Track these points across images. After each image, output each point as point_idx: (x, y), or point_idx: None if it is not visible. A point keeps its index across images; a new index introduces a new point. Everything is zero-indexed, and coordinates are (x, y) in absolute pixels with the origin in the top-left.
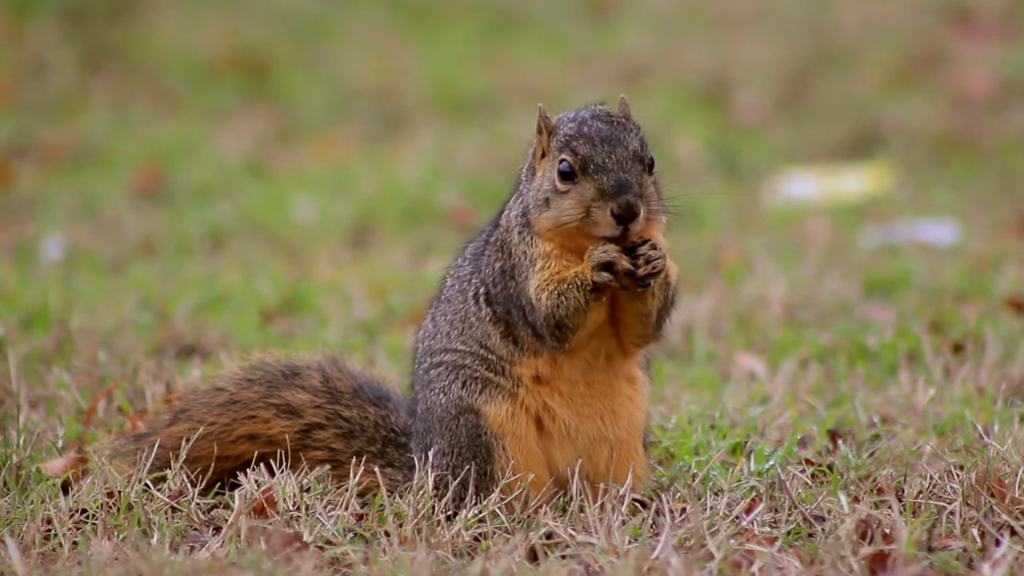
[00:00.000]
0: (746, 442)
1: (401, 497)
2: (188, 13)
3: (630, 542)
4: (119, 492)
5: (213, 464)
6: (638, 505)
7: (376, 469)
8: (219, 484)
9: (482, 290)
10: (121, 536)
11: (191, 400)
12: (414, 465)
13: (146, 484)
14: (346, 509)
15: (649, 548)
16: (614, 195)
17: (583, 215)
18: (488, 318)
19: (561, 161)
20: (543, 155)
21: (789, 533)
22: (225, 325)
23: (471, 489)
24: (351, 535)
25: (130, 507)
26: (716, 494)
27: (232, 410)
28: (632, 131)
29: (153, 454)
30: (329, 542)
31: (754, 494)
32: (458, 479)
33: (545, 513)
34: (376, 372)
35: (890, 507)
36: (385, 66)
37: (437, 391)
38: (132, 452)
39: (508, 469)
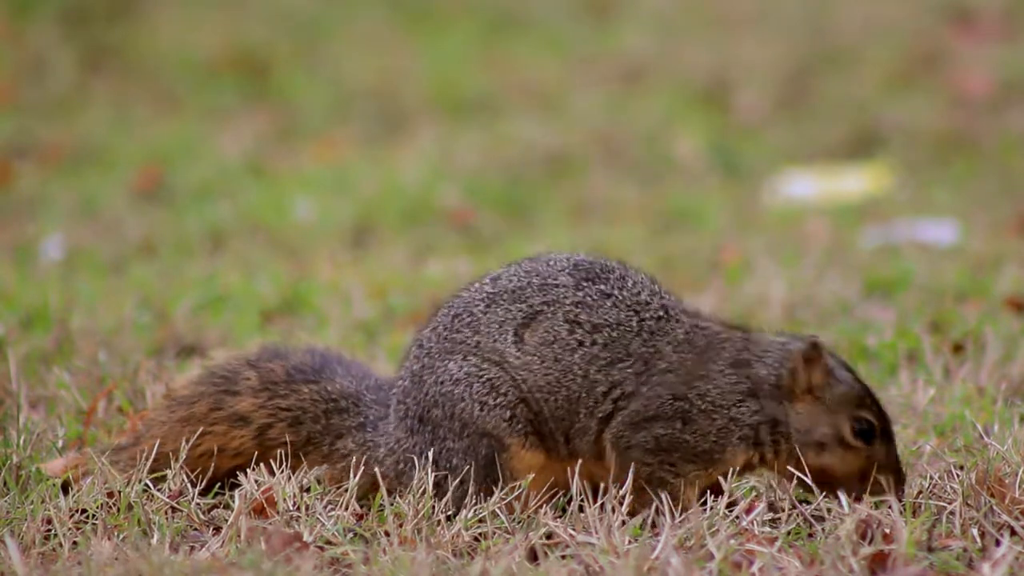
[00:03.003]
0: None
1: (401, 497)
2: (188, 13)
3: (630, 542)
4: (119, 492)
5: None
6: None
7: (377, 471)
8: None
9: (614, 385)
10: (121, 536)
11: (151, 420)
12: (361, 425)
13: (146, 484)
14: (346, 509)
15: (649, 548)
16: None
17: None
18: (598, 412)
19: (856, 421)
20: (808, 390)
21: (789, 533)
22: (225, 325)
23: (470, 489)
24: (351, 535)
25: (130, 507)
26: (716, 494)
27: (190, 425)
28: None
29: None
30: (329, 542)
31: (754, 494)
32: (458, 478)
33: (545, 513)
34: (307, 343)
35: (890, 507)
36: (385, 66)
37: (472, 399)
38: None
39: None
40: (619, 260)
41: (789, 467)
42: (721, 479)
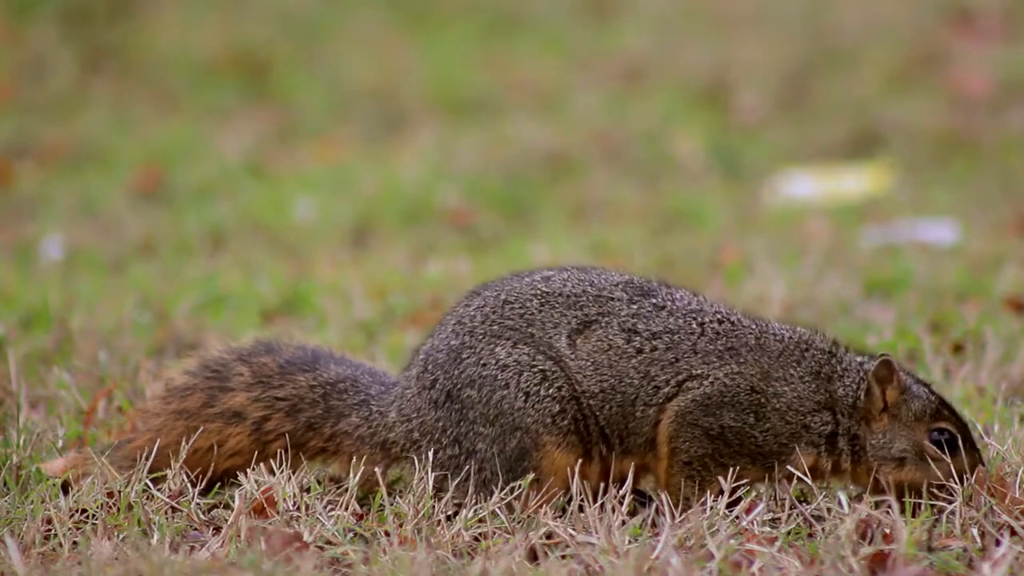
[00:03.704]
0: None
1: (401, 497)
2: (188, 13)
3: (630, 542)
4: (119, 492)
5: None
6: (638, 504)
7: (377, 471)
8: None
9: (683, 378)
10: (121, 536)
11: (146, 412)
12: (363, 401)
13: (146, 484)
14: (346, 509)
15: (649, 548)
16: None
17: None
18: (659, 398)
19: (938, 432)
20: (885, 408)
21: (789, 533)
22: (225, 325)
23: (471, 488)
24: (351, 535)
25: (130, 507)
26: (716, 494)
27: (183, 419)
28: None
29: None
30: (329, 542)
31: (754, 494)
32: (478, 464)
33: (545, 513)
34: (300, 340)
35: (890, 507)
36: (385, 66)
37: (519, 388)
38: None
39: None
40: (660, 279)
41: (870, 478)
42: (721, 480)
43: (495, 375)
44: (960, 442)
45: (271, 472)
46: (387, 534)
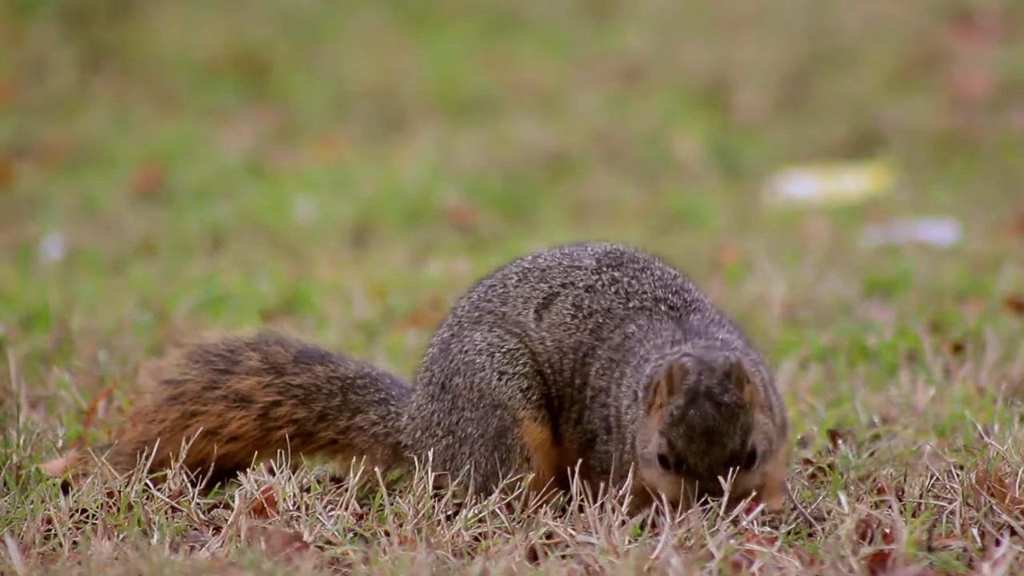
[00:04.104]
0: None
1: (401, 497)
2: (188, 13)
3: (630, 542)
4: (119, 492)
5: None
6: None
7: (377, 471)
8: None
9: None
10: (121, 536)
11: (140, 404)
12: (383, 400)
13: (146, 484)
14: (346, 509)
15: (649, 548)
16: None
17: (677, 496)
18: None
19: (660, 445)
20: (661, 405)
21: (789, 533)
22: (225, 325)
23: (472, 488)
24: (351, 535)
25: (130, 507)
26: (716, 495)
27: (179, 403)
28: (738, 420)
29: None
30: (329, 542)
31: (754, 494)
32: (470, 448)
33: (545, 513)
34: (311, 338)
35: (890, 507)
36: (385, 66)
37: (493, 369)
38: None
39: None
40: (652, 254)
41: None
42: (721, 480)
43: (474, 360)
44: (674, 464)
45: (271, 472)
46: (387, 534)
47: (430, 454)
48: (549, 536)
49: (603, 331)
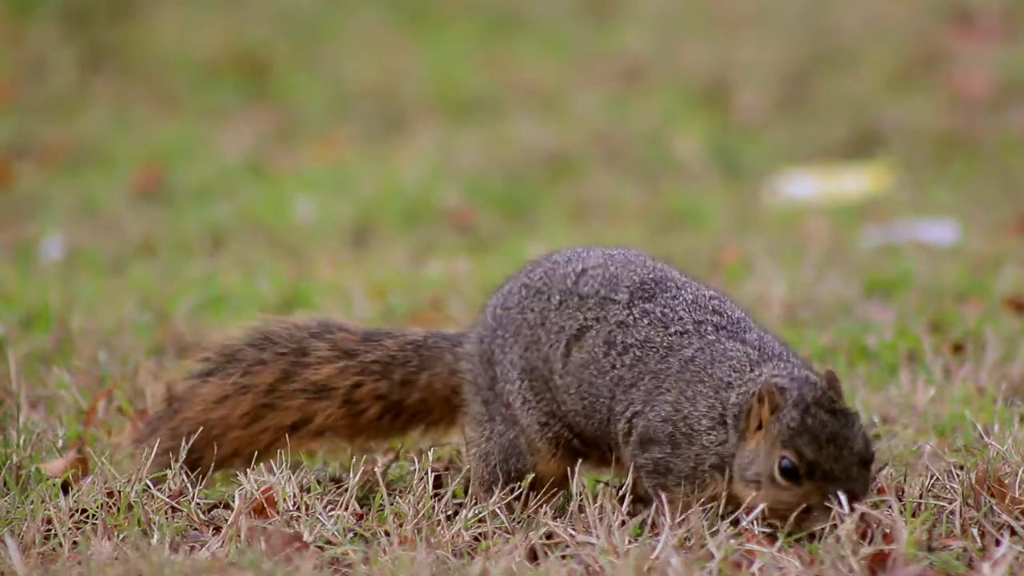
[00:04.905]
0: None
1: (401, 497)
2: (188, 13)
3: (630, 542)
4: (119, 492)
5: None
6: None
7: (377, 472)
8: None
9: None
10: (121, 536)
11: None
12: (453, 346)
13: (146, 484)
14: (346, 509)
15: (649, 548)
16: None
17: (800, 510)
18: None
19: (783, 458)
20: (760, 426)
21: (789, 533)
22: (225, 325)
23: (474, 487)
24: (351, 535)
25: (130, 507)
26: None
27: (250, 394)
28: (855, 424)
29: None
30: (329, 542)
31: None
32: (480, 431)
33: (545, 513)
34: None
35: (890, 507)
36: (385, 66)
37: (519, 392)
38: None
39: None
40: (686, 273)
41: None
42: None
43: (508, 371)
44: (806, 474)
45: (271, 472)
46: (387, 534)
47: (488, 423)
48: (549, 536)
49: (649, 362)
